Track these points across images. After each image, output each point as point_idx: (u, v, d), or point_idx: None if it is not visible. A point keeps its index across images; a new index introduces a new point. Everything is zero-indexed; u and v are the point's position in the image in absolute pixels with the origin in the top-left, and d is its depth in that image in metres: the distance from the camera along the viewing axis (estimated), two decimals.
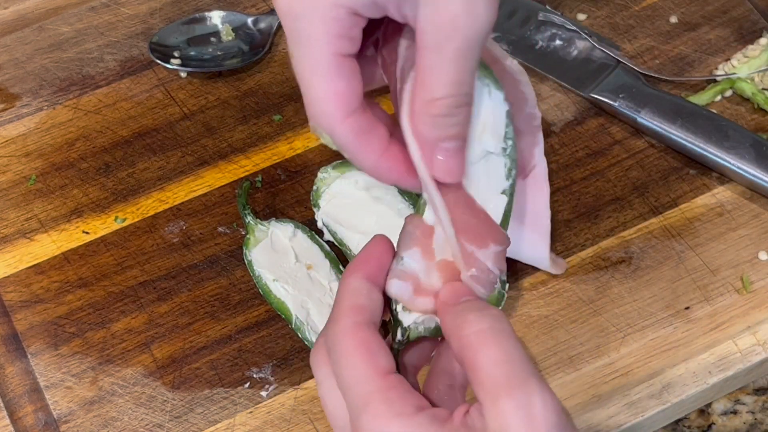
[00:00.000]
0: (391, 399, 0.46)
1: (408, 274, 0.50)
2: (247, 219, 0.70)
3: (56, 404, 0.66)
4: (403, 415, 0.46)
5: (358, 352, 0.47)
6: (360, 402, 0.46)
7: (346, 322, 0.48)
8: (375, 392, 0.46)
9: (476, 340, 0.46)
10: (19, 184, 0.75)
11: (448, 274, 0.51)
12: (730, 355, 0.66)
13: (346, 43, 0.49)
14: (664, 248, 0.71)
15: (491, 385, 0.45)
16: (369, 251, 0.51)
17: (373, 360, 0.47)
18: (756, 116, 0.77)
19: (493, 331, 0.46)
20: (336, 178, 0.71)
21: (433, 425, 0.45)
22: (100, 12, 0.84)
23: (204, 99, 0.79)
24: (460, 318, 0.47)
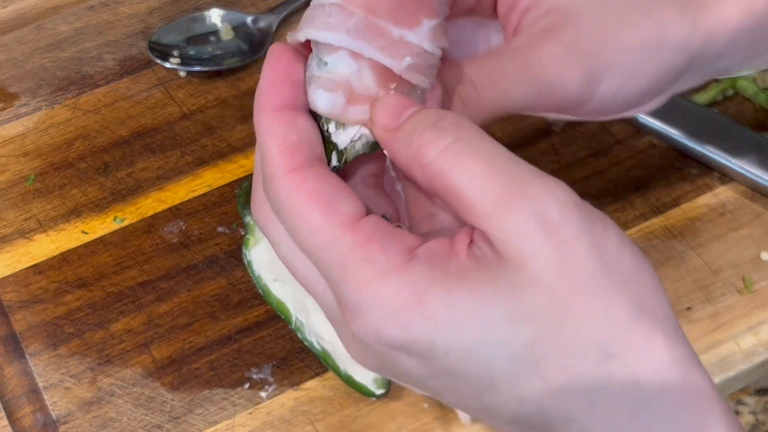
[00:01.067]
0: (372, 255, 0.36)
1: (336, 82, 0.40)
2: (247, 219, 0.70)
3: (55, 405, 0.66)
4: (393, 270, 0.36)
5: (312, 207, 0.37)
6: (336, 271, 0.37)
7: (283, 174, 0.38)
8: (349, 253, 0.36)
9: (445, 162, 0.37)
10: (18, 184, 0.75)
11: (380, 72, 0.40)
12: (732, 355, 0.66)
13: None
14: (666, 248, 0.71)
15: (486, 204, 0.36)
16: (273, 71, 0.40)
17: (333, 212, 0.37)
18: (758, 116, 0.76)
19: (461, 142, 0.37)
20: None
21: (435, 270, 0.36)
22: (99, 11, 0.84)
23: (203, 98, 0.79)
24: (415, 142, 0.38)
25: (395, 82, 0.40)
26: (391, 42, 0.40)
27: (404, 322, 0.36)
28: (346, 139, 0.40)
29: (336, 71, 0.40)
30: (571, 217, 0.36)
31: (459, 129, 0.37)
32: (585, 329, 0.35)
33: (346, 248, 0.37)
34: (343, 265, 0.37)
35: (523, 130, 0.76)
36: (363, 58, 0.40)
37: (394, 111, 0.39)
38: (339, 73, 0.40)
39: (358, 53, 0.40)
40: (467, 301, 0.35)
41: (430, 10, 0.40)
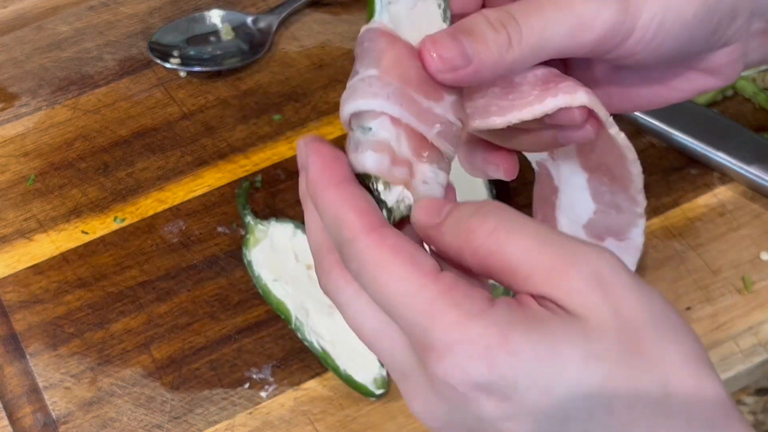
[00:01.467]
0: (458, 300, 0.39)
1: (382, 143, 0.43)
2: (247, 219, 0.70)
3: (55, 405, 0.66)
4: (479, 312, 0.39)
5: (397, 261, 0.40)
6: (421, 317, 0.39)
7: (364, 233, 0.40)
8: (436, 299, 0.39)
9: (495, 243, 0.40)
10: (18, 184, 0.75)
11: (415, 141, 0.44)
12: (732, 355, 0.66)
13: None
14: (665, 248, 0.71)
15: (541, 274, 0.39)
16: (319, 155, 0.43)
17: (417, 264, 0.40)
18: (757, 116, 0.76)
19: (506, 222, 0.40)
20: None
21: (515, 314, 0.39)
22: (99, 11, 0.84)
23: (203, 98, 0.79)
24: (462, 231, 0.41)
25: (427, 150, 0.44)
26: (423, 110, 0.44)
27: (491, 359, 0.38)
28: (393, 198, 0.43)
29: (379, 135, 0.43)
30: (621, 278, 0.39)
31: (500, 211, 0.41)
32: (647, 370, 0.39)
33: (433, 294, 0.39)
34: (430, 309, 0.39)
35: None
36: (401, 125, 0.43)
37: (434, 209, 0.43)
38: (382, 135, 0.43)
39: (397, 119, 0.43)
40: (548, 341, 0.38)
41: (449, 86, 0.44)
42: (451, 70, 0.44)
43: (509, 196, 0.73)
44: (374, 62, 0.44)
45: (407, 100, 0.44)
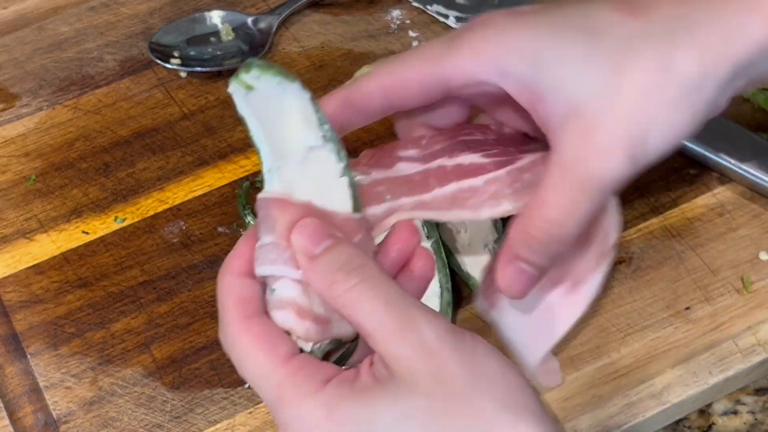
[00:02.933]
0: (298, 382, 0.47)
1: (283, 302, 0.49)
2: (247, 219, 0.70)
3: (56, 404, 0.66)
4: (312, 392, 0.46)
5: (256, 346, 0.48)
6: (272, 396, 0.47)
7: (236, 321, 0.49)
8: (283, 382, 0.47)
9: (351, 299, 0.47)
10: (19, 184, 0.75)
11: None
12: (731, 355, 0.66)
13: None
14: (665, 248, 0.71)
15: (381, 333, 0.46)
16: (241, 247, 0.51)
17: (272, 350, 0.48)
18: (756, 116, 0.77)
19: (365, 283, 0.47)
20: None
21: (343, 389, 0.46)
22: (100, 12, 0.84)
23: (204, 99, 0.79)
24: (328, 278, 0.48)
25: None
26: None
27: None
28: (308, 347, 0.49)
29: (282, 295, 0.49)
30: (446, 342, 0.46)
31: (364, 271, 0.47)
32: (463, 424, 0.45)
33: (280, 378, 0.47)
34: (277, 391, 0.47)
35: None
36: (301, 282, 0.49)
37: (314, 238, 0.49)
38: (285, 295, 0.49)
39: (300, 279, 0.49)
40: (365, 409, 0.45)
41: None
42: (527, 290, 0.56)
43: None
44: (269, 230, 0.50)
45: None
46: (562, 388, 0.65)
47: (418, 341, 0.45)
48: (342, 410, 0.46)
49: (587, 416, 0.64)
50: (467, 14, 0.81)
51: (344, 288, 0.47)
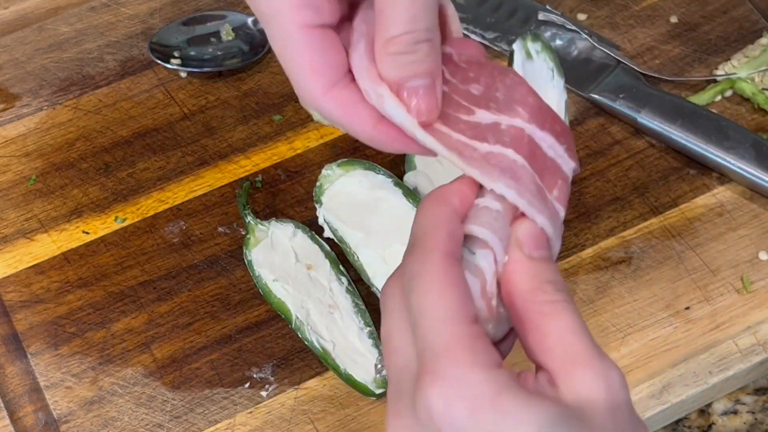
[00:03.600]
0: (477, 348, 0.42)
1: (479, 270, 0.46)
2: (247, 219, 0.70)
3: (56, 404, 0.66)
4: (487, 366, 0.42)
5: (452, 289, 0.43)
6: (442, 344, 0.42)
7: (441, 252, 0.44)
8: (462, 337, 0.42)
9: (550, 309, 0.44)
10: (19, 184, 0.75)
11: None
12: (731, 355, 0.66)
13: (310, 13, 0.47)
14: (665, 248, 0.71)
15: (565, 354, 0.43)
16: (461, 186, 0.47)
17: (465, 303, 0.43)
18: (756, 116, 0.77)
19: (568, 304, 0.44)
20: (340, 176, 0.71)
21: (513, 382, 0.42)
22: (100, 12, 0.84)
23: (204, 99, 0.79)
24: (537, 283, 0.45)
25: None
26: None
27: (475, 408, 0.41)
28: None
29: (481, 262, 0.45)
30: (625, 393, 0.43)
31: (568, 296, 0.45)
32: None
33: (461, 332, 0.42)
34: (451, 341, 0.42)
35: None
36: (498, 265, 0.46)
37: (536, 241, 0.46)
38: (483, 264, 0.45)
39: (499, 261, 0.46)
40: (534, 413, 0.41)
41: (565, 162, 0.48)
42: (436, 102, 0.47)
43: None
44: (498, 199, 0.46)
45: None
46: None
47: (604, 374, 0.42)
48: (508, 400, 0.41)
49: None
50: (467, 14, 0.81)
51: (551, 298, 0.44)
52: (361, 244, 0.68)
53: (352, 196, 0.70)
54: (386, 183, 0.70)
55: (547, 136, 0.48)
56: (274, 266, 0.69)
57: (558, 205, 0.48)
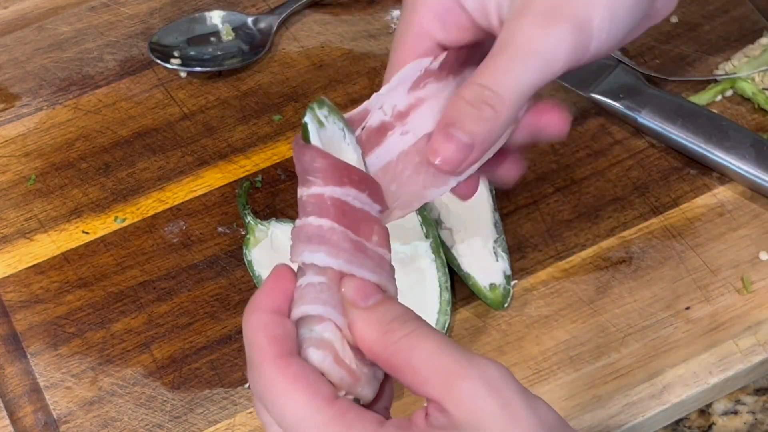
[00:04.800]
0: (350, 421, 0.43)
1: (326, 343, 0.46)
2: (247, 219, 0.70)
3: (56, 404, 0.66)
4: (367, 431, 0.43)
5: (297, 387, 0.44)
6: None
7: (269, 360, 0.44)
8: (331, 420, 0.43)
9: (407, 343, 0.44)
10: (19, 184, 0.75)
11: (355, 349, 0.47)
12: (731, 355, 0.66)
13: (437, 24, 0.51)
14: (665, 248, 0.71)
15: (440, 376, 0.43)
16: (271, 284, 0.48)
17: (316, 390, 0.44)
18: (756, 116, 0.77)
19: (420, 330, 0.45)
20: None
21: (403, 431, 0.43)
22: (100, 12, 0.84)
23: (204, 99, 0.79)
24: (383, 326, 0.45)
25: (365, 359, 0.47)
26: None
27: None
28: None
29: (324, 335, 0.46)
30: (510, 383, 0.43)
31: (419, 321, 0.45)
32: None
33: (327, 416, 0.43)
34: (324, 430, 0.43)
35: None
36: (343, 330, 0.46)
37: (365, 292, 0.46)
38: (327, 337, 0.46)
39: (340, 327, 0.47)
40: None
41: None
42: (460, 163, 0.49)
43: (508, 195, 0.73)
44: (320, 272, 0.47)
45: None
46: (562, 387, 0.65)
47: (481, 378, 0.43)
48: None
49: (588, 416, 0.64)
50: None
51: (400, 335, 0.44)
52: None
53: None
54: None
55: (348, 190, 0.49)
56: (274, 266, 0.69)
57: (381, 250, 0.49)
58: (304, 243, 0.48)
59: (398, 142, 0.53)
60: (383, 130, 0.53)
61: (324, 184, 0.49)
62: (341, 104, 0.78)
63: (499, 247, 0.69)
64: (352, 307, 0.46)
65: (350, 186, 0.49)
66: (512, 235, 0.71)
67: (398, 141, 0.53)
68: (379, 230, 0.50)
